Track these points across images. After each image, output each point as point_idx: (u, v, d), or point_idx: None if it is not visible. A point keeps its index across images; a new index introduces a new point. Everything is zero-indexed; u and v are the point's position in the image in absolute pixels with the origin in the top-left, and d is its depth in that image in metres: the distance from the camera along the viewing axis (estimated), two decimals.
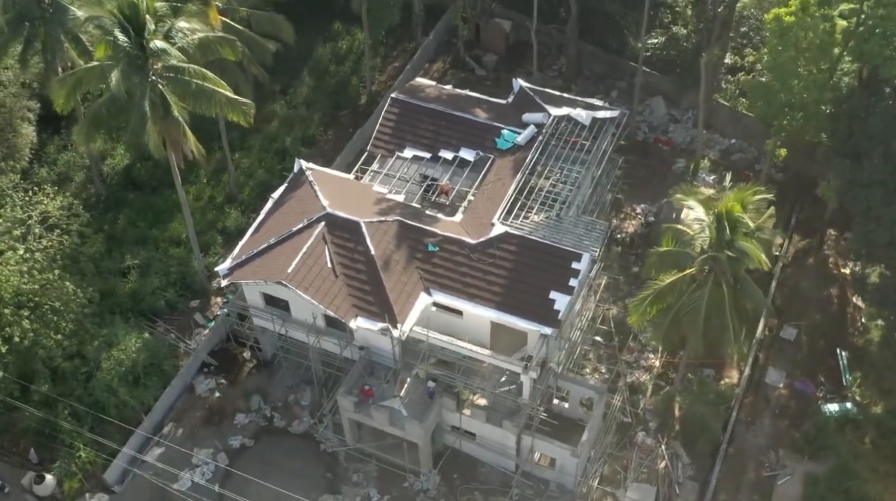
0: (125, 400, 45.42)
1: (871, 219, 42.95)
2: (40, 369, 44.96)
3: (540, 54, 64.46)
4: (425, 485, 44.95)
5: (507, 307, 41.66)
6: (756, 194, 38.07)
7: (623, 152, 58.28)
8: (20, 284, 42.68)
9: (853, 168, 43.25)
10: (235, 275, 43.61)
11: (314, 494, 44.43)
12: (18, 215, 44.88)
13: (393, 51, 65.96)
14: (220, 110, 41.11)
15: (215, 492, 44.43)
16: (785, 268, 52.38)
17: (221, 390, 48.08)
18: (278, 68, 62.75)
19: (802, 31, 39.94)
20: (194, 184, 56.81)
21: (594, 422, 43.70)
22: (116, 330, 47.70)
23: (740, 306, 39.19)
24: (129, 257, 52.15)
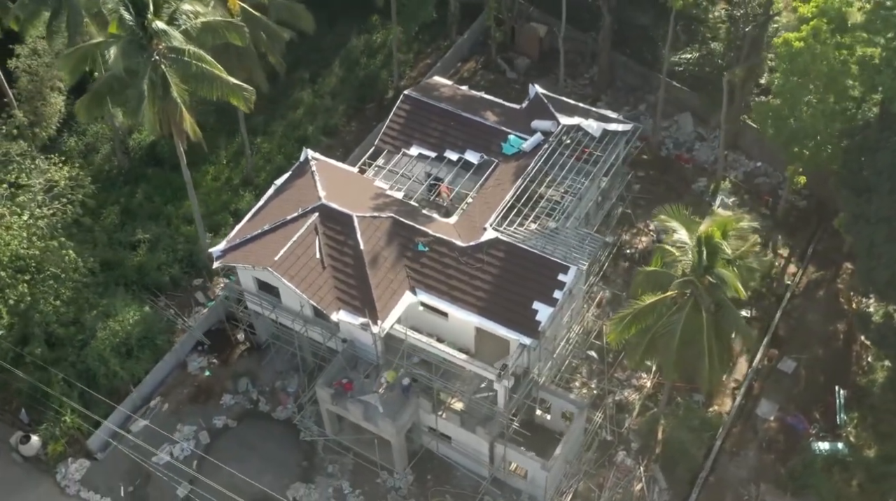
0: (115, 371, 46.35)
1: (873, 256, 41.60)
2: (36, 333, 46.17)
3: (572, 62, 63.92)
4: (398, 483, 44.99)
5: (490, 313, 41.40)
6: (739, 221, 37.11)
7: (643, 167, 57.79)
8: (19, 248, 43.81)
9: (860, 202, 41.95)
10: (227, 258, 44.18)
11: (287, 480, 44.88)
12: (24, 182, 46.04)
13: (427, 47, 65.95)
14: (222, 94, 41.56)
15: (192, 469, 45.10)
16: (793, 299, 51.03)
17: (212, 369, 48.77)
18: (310, 57, 63.72)
19: (811, 58, 38.73)
20: (214, 164, 57.70)
21: (570, 437, 43.20)
22: (116, 301, 48.72)
23: (722, 334, 38.31)
24: (141, 231, 53.17)
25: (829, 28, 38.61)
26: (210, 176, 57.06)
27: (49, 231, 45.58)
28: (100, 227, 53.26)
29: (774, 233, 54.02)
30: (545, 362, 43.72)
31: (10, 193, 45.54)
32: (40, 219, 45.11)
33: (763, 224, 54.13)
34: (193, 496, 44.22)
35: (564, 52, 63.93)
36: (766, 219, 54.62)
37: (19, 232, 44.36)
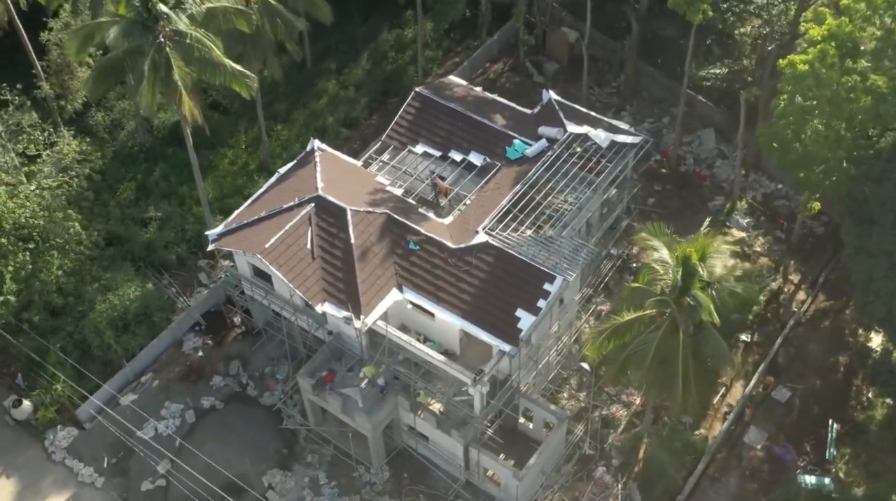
0: (109, 344, 47.23)
1: (871, 290, 40.40)
2: (36, 301, 47.27)
3: (600, 70, 63.23)
4: (373, 479, 45.09)
5: (473, 317, 41.19)
6: (722, 244, 36.28)
7: (661, 181, 56.99)
8: (22, 216, 44.85)
9: (862, 234, 40.74)
10: (222, 242, 44.65)
11: (265, 466, 45.28)
12: (32, 153, 47.10)
13: (458, 46, 65.76)
14: (224, 80, 41.99)
15: (174, 446, 45.80)
16: (798, 327, 49.81)
17: (205, 350, 49.40)
18: (339, 48, 64.12)
19: (815, 83, 37.64)
20: (232, 148, 58.39)
21: (547, 448, 42.80)
22: (119, 275, 49.63)
23: (701, 357, 37.56)
24: (153, 209, 54.12)
25: (837, 53, 37.46)
26: (228, 159, 57.78)
27: (54, 201, 46.48)
28: (115, 202, 54.36)
29: (787, 257, 52.75)
30: (528, 370, 43.36)
31: (19, 163, 46.60)
32: (46, 190, 46.06)
33: (777, 248, 53.24)
34: (173, 473, 44.80)
35: (593, 59, 63.39)
36: (780, 243, 53.48)
37: (24, 201, 45.38)
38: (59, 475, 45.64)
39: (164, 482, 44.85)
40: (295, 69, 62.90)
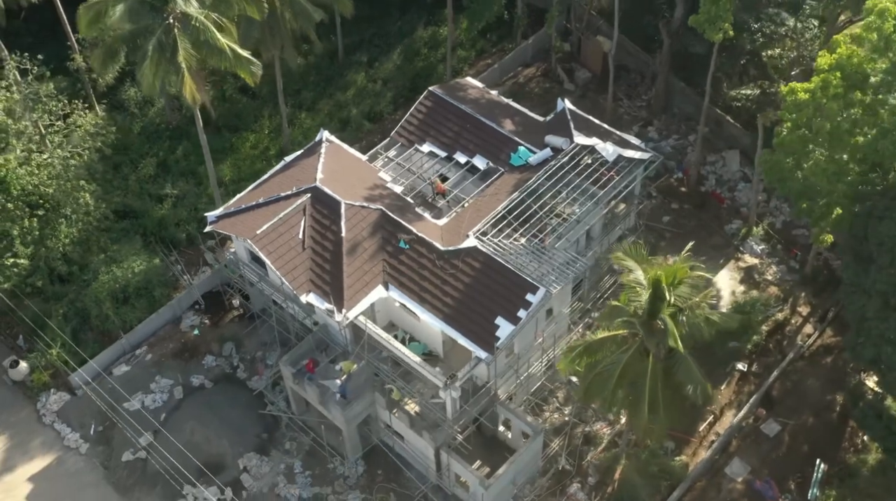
0: (107, 314, 48.26)
1: (862, 330, 39.08)
2: (41, 267, 48.52)
3: (631, 82, 62.36)
4: (348, 472, 45.25)
5: (453, 321, 41.04)
6: (694, 270, 35.37)
7: (679, 199, 55.98)
8: (29, 184, 46.04)
9: (860, 272, 39.41)
10: (219, 224, 45.22)
11: (242, 448, 45.79)
12: (47, 123, 48.27)
13: (493, 47, 65.43)
14: (230, 65, 42.46)
15: (159, 421, 46.64)
16: (799, 361, 48.45)
17: (202, 329, 50.13)
18: (373, 41, 64.40)
19: (815, 112, 36.44)
20: (256, 132, 59.07)
21: (519, 459, 42.43)
22: (126, 248, 50.66)
23: (672, 383, 36.76)
24: (170, 186, 55.09)
25: (841, 84, 36.19)
26: (249, 143, 58.48)
27: (66, 172, 47.56)
28: (135, 177, 55.48)
29: (798, 288, 51.32)
30: (508, 380, 43.05)
31: (33, 132, 47.80)
32: (57, 160, 47.18)
33: (789, 278, 51.87)
34: (155, 446, 45.61)
35: (626, 70, 62.63)
36: (793, 274, 52.08)
37: (34, 169, 46.57)
38: (46, 437, 46.85)
39: (144, 454, 45.64)
40: (326, 59, 63.43)
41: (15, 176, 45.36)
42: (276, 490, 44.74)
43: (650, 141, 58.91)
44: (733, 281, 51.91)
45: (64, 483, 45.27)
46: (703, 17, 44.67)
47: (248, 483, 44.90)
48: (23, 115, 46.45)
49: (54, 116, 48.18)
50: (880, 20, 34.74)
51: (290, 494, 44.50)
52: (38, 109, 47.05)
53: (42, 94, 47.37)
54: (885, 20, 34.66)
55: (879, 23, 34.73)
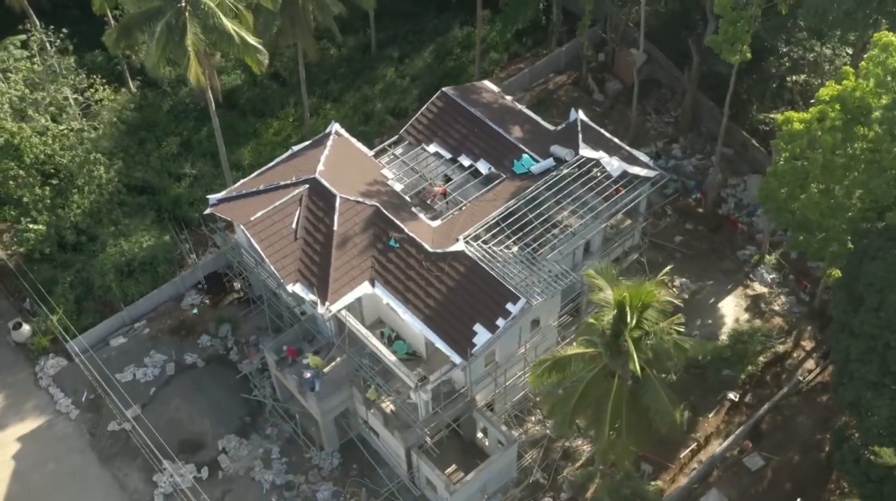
0: (110, 286, 49.38)
1: (845, 372, 37.95)
2: (52, 234, 49.87)
3: (661, 97, 61.45)
4: (323, 463, 45.56)
5: (433, 323, 41.01)
6: (663, 295, 34.59)
7: (694, 220, 55.06)
8: (43, 153, 47.30)
9: (848, 312, 38.24)
10: (219, 208, 45.88)
11: (223, 429, 46.45)
12: (66, 94, 49.52)
13: (527, 52, 65.00)
14: (238, 51, 43.05)
15: (148, 393, 47.62)
16: (794, 396, 47.21)
17: (201, 309, 50.97)
18: (406, 37, 64.51)
19: (808, 144, 35.35)
20: (280, 119, 59.73)
21: (487, 468, 42.25)
22: (139, 222, 51.73)
23: (639, 407, 36.13)
24: (189, 166, 56.08)
25: (839, 117, 35.07)
26: (273, 129, 59.18)
27: (79, 143, 48.73)
28: (157, 154, 56.62)
29: (805, 322, 50.00)
30: (486, 387, 42.87)
31: (51, 102, 49.10)
32: (72, 132, 48.38)
33: (797, 310, 50.60)
34: (141, 418, 46.58)
35: (658, 85, 61.74)
36: (802, 306, 50.76)
37: (48, 138, 47.82)
38: (41, 400, 48.21)
39: (129, 426, 46.62)
40: (359, 52, 63.83)
41: (29, 144, 46.70)
42: (252, 473, 45.30)
43: (673, 158, 58.04)
44: (738, 309, 50.82)
45: (51, 446, 46.52)
46: (722, 37, 43.71)
47: (225, 464, 45.55)
48: (42, 86, 47.69)
49: (72, 89, 49.35)
50: (884, 54, 33.54)
51: (264, 479, 45.01)
52: (58, 81, 48.24)
53: (63, 67, 48.53)
54: (890, 54, 33.45)
55: (883, 57, 33.54)
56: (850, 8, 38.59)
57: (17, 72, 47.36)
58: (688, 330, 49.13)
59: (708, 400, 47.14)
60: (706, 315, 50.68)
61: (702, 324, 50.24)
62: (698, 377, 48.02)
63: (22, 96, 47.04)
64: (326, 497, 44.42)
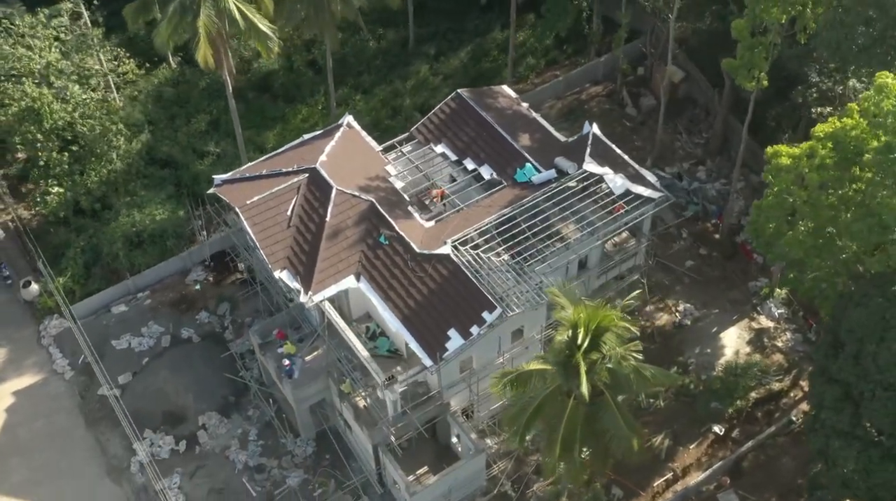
0: (117, 254, 50.62)
1: (817, 419, 36.71)
2: (67, 199, 51.35)
3: (694, 117, 60.20)
4: (296, 450, 45.96)
5: (409, 323, 40.97)
6: (621, 321, 33.73)
7: (710, 246, 53.90)
8: (61, 120, 48.66)
9: (829, 356, 36.97)
10: (222, 188, 46.48)
11: (205, 406, 47.23)
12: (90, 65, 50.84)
13: (566, 59, 64.31)
14: (249, 36, 43.60)
15: (140, 363, 48.75)
16: (782, 436, 45.80)
17: (204, 285, 51.88)
18: (446, 35, 64.50)
19: (793, 180, 34.09)
20: (309, 106, 60.31)
21: (453, 473, 42.07)
22: (155, 194, 52.87)
23: (596, 429, 35.50)
24: (214, 144, 57.08)
25: (829, 155, 33.77)
26: (301, 116, 59.81)
27: (97, 112, 50.01)
28: (186, 130, 57.80)
29: (807, 362, 48.35)
30: (459, 392, 42.69)
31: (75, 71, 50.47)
32: (93, 102, 49.70)
33: (800, 348, 49.11)
34: (130, 386, 47.72)
35: (693, 104, 60.55)
36: (807, 345, 49.17)
37: (69, 106, 49.20)
38: (40, 358, 49.77)
39: (119, 392, 47.74)
40: (398, 46, 64.00)
41: (49, 110, 48.10)
42: (227, 452, 45.97)
43: (697, 181, 56.84)
44: (740, 340, 49.54)
45: (43, 403, 48.00)
46: (738, 62, 42.54)
47: (203, 440, 46.33)
48: (69, 55, 49.07)
49: (94, 59, 50.66)
50: (880, 95, 32.16)
51: (238, 459, 45.64)
52: (84, 51, 49.58)
53: (90, 38, 49.84)
54: (886, 96, 32.05)
55: (878, 98, 32.15)
56: (866, 43, 37.13)
57: (45, 39, 48.80)
58: (685, 357, 49.12)
59: (692, 431, 46.14)
60: (706, 343, 49.54)
61: (700, 353, 49.16)
62: (687, 405, 47.11)
63: (46, 63, 48.48)
64: (295, 483, 44.80)
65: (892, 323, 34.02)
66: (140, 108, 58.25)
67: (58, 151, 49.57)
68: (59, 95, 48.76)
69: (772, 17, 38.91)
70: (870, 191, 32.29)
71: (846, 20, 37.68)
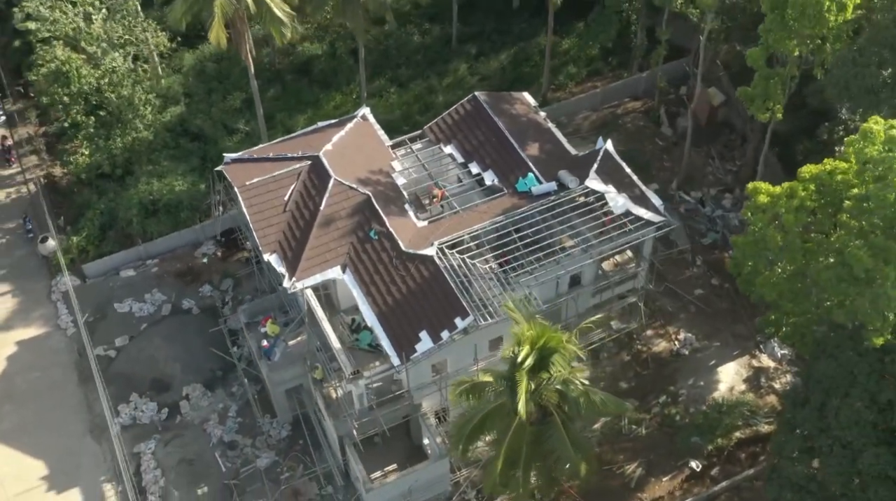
0: (131, 220, 51.97)
1: (780, 467, 35.47)
2: (92, 162, 52.94)
3: (730, 143, 58.52)
4: (271, 431, 46.49)
5: (385, 320, 41.03)
6: (568, 346, 32.97)
7: (723, 276, 52.34)
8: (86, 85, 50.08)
9: (797, 404, 35.69)
10: (229, 167, 47.18)
11: (191, 378, 48.16)
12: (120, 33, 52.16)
13: (610, 71, 63.23)
14: (265, 20, 44.18)
15: (138, 328, 50.01)
16: (759, 479, 44.22)
17: (211, 259, 52.87)
18: (491, 37, 64.17)
19: (769, 220, 32.75)
20: (344, 94, 60.74)
21: (412, 474, 42.04)
22: (177, 165, 54.07)
23: (544, 449, 34.98)
24: (244, 122, 58.04)
25: (812, 197, 32.37)
26: (334, 103, 60.28)
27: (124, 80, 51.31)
28: (221, 106, 58.93)
29: None
30: (430, 394, 42.59)
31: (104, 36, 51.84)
32: (120, 69, 51.01)
33: None
34: (125, 349, 49.05)
35: (731, 129, 58.93)
36: None
37: (98, 72, 50.63)
38: (47, 311, 51.45)
39: (114, 354, 49.07)
40: (441, 42, 63.90)
41: (78, 74, 49.58)
42: (206, 425, 46.78)
43: (721, 208, 55.32)
44: (737, 377, 48.13)
45: (42, 356, 49.64)
46: (753, 92, 41.20)
47: (184, 410, 47.26)
48: (100, 23, 50.47)
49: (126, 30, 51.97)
50: (864, 141, 30.65)
51: (214, 433, 46.42)
52: (117, 20, 50.94)
53: (123, 7, 51.17)
54: (870, 142, 30.52)
55: (862, 144, 30.66)
56: (874, 85, 35.46)
57: (82, 4, 50.33)
58: (676, 387, 48.04)
59: (669, 463, 45.05)
60: (701, 376, 48.28)
61: (693, 385, 47.95)
62: (669, 436, 46.06)
63: (77, 28, 49.98)
64: (265, 464, 45.33)
65: (860, 380, 32.65)
66: (181, 80, 59.69)
67: (85, 115, 51.00)
68: (92, 61, 50.15)
69: (785, 49, 37.49)
70: (844, 239, 30.85)
71: (859, 59, 36.06)
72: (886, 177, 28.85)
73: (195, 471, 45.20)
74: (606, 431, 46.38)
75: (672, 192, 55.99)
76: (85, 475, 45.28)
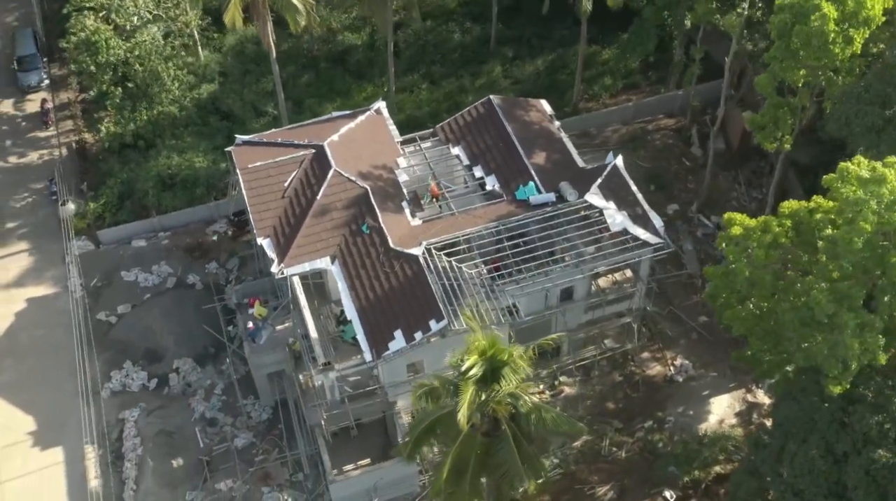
0: (147, 192, 53.05)
1: None
2: (117, 132, 54.23)
3: (760, 170, 56.85)
4: (253, 413, 46.98)
5: (363, 315, 41.12)
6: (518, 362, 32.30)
7: None
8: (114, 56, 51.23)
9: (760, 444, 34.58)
10: (239, 148, 47.75)
11: (183, 352, 48.93)
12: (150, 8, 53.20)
13: (648, 85, 62.02)
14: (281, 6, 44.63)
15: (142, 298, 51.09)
16: None
17: (220, 237, 53.64)
18: (531, 41, 63.56)
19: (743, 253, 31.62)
20: (376, 86, 60.87)
21: (378, 472, 42.15)
22: (199, 142, 54.98)
23: (494, 462, 34.53)
24: (273, 107, 58.65)
25: (787, 233, 31.16)
26: (364, 94, 60.46)
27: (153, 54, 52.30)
28: (254, 88, 59.73)
29: None
30: (404, 393, 42.48)
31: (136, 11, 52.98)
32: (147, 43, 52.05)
33: None
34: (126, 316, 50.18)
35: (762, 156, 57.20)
36: None
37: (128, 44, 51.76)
38: (59, 272, 52.81)
39: (114, 320, 50.22)
40: (480, 42, 63.56)
41: (106, 45, 50.76)
42: (191, 399, 47.52)
43: None
44: (729, 410, 46.89)
45: (48, 315, 51.00)
46: (761, 120, 39.95)
47: (173, 383, 48.06)
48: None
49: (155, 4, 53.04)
50: (841, 182, 29.37)
51: (197, 408, 47.12)
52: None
53: None
54: (847, 182, 29.17)
55: (839, 184, 29.38)
56: (877, 124, 33.94)
57: None
58: (664, 413, 47.03)
59: (643, 490, 44.11)
60: (692, 405, 47.19)
61: (683, 413, 46.91)
62: (649, 463, 45.10)
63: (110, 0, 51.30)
64: (241, 444, 45.84)
65: (819, 427, 31.46)
66: (219, 59, 60.62)
67: (113, 85, 52.21)
68: (123, 33, 51.29)
69: (792, 78, 36.23)
70: (811, 282, 29.65)
71: (864, 96, 34.58)
72: (856, 220, 27.63)
73: (173, 443, 45.95)
74: (586, 450, 45.66)
75: (692, 215, 54.71)
76: (70, 435, 46.40)
